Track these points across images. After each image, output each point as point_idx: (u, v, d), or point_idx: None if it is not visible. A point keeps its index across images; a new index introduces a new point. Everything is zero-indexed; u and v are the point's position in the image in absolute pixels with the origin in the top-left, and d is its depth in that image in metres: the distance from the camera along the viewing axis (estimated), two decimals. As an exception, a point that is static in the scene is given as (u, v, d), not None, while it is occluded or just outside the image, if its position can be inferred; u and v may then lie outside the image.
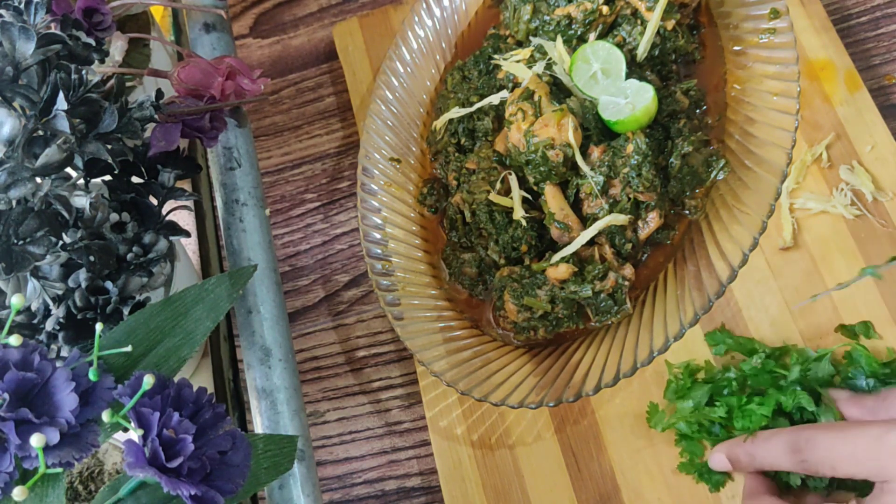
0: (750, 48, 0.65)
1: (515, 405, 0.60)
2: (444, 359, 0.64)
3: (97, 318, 0.46)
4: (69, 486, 0.58)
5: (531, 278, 0.63)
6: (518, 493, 0.63)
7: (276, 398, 0.52)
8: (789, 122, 0.60)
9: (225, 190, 0.59)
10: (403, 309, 0.67)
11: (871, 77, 0.72)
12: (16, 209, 0.43)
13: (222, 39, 0.65)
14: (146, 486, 0.39)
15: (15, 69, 0.42)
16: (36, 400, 0.35)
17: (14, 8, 0.46)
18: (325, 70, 0.87)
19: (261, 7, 0.92)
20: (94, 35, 0.51)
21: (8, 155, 0.42)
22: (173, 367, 0.41)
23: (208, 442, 0.37)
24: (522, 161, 0.63)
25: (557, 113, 0.62)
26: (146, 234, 0.49)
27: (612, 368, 0.58)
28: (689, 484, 0.61)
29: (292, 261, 0.80)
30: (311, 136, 0.84)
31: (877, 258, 0.64)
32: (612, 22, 0.67)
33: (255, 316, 0.54)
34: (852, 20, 0.75)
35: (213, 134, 0.54)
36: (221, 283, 0.44)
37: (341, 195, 0.81)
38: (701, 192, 0.64)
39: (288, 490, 0.49)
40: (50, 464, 0.35)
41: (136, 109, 0.47)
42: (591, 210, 0.63)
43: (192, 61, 0.56)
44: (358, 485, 0.70)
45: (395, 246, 0.70)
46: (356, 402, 0.73)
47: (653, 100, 0.62)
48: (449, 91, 0.75)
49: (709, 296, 0.58)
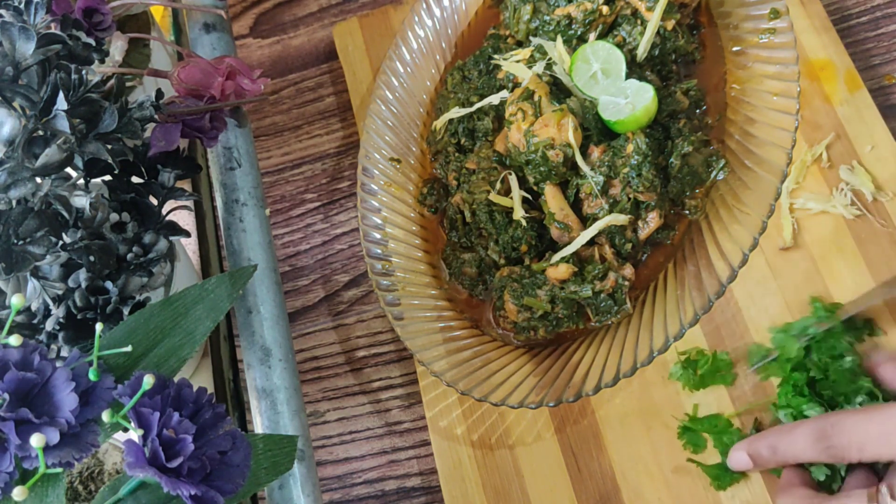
0: (750, 48, 0.65)
1: (515, 405, 0.60)
2: (444, 359, 0.64)
3: (97, 318, 0.46)
4: (69, 486, 0.58)
5: (531, 278, 0.63)
6: (518, 493, 0.63)
7: (276, 398, 0.52)
8: (789, 122, 0.60)
9: (225, 190, 0.59)
10: (403, 309, 0.67)
11: (871, 77, 0.72)
12: (16, 209, 0.43)
13: (222, 39, 0.65)
14: (146, 486, 0.39)
15: (15, 69, 0.42)
16: (36, 400, 0.35)
17: (14, 8, 0.46)
18: (325, 70, 0.87)
19: (261, 7, 0.92)
20: (94, 35, 0.51)
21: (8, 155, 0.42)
22: (173, 367, 0.41)
23: (208, 442, 0.37)
24: (522, 161, 0.63)
25: (557, 113, 0.62)
26: (146, 234, 0.49)
27: (612, 368, 0.58)
28: (689, 484, 0.61)
29: (292, 261, 0.80)
30: (311, 136, 0.84)
31: (877, 258, 0.64)
32: (612, 22, 0.67)
33: (255, 316, 0.54)
34: (852, 20, 0.75)
35: (213, 134, 0.54)
36: (221, 283, 0.44)
37: (341, 195, 0.81)
38: (701, 192, 0.64)
39: (288, 490, 0.49)
40: (50, 464, 0.35)
41: (136, 109, 0.47)
42: (591, 210, 0.63)
43: (192, 61, 0.56)
44: (358, 485, 0.70)
45: (395, 246, 0.70)
46: (356, 402, 0.73)
47: (653, 100, 0.62)
48: (449, 91, 0.75)
49: (709, 296, 0.58)
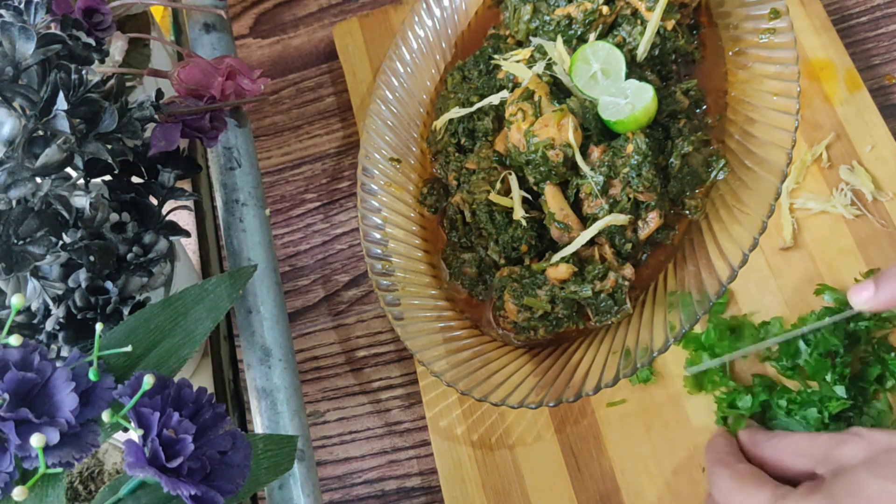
0: (750, 48, 0.65)
1: (515, 405, 0.60)
2: (444, 359, 0.63)
3: (97, 318, 0.46)
4: (69, 486, 0.58)
5: (531, 278, 0.63)
6: (518, 493, 0.63)
7: (276, 398, 0.52)
8: (789, 122, 0.60)
9: (225, 190, 0.59)
10: (403, 309, 0.67)
11: (871, 77, 0.72)
12: (16, 209, 0.43)
13: (222, 39, 0.65)
14: (146, 486, 0.39)
15: (15, 69, 0.42)
16: (36, 400, 0.35)
17: (14, 8, 0.46)
18: (325, 70, 0.87)
19: (261, 7, 0.92)
20: (94, 35, 0.51)
21: (8, 155, 0.42)
22: (173, 367, 0.41)
23: (208, 442, 0.37)
24: (522, 161, 0.63)
25: (557, 113, 0.62)
26: (146, 234, 0.49)
27: (612, 368, 0.58)
28: (689, 484, 0.61)
29: (292, 261, 0.80)
30: (311, 136, 0.84)
31: (877, 258, 0.64)
32: (612, 22, 0.67)
33: (255, 316, 0.54)
34: (852, 20, 0.75)
35: (213, 134, 0.54)
36: (221, 283, 0.44)
37: (341, 195, 0.81)
38: (701, 192, 0.64)
39: (288, 490, 0.49)
40: (50, 464, 0.35)
41: (136, 109, 0.47)
42: (591, 210, 0.62)
43: (192, 61, 0.56)
44: (358, 485, 0.70)
45: (395, 246, 0.70)
46: (356, 402, 0.73)
47: (653, 100, 0.62)
48: (449, 91, 0.75)
49: (709, 296, 0.58)
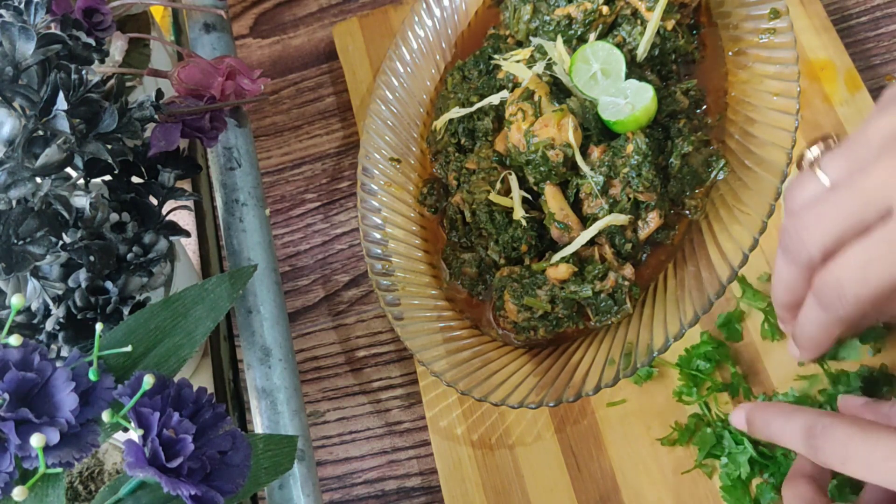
0: (750, 48, 0.65)
1: (515, 405, 0.60)
2: (444, 359, 0.63)
3: (97, 318, 0.46)
4: (69, 486, 0.58)
5: (531, 278, 0.63)
6: (518, 493, 0.63)
7: (276, 398, 0.52)
8: (789, 122, 0.60)
9: (225, 190, 0.59)
10: (403, 309, 0.67)
11: (871, 77, 0.72)
12: (16, 209, 0.43)
13: (222, 39, 0.65)
14: (146, 486, 0.39)
15: (15, 69, 0.42)
16: (36, 400, 0.35)
17: (14, 8, 0.46)
18: (325, 70, 0.87)
19: (261, 7, 0.92)
20: (94, 35, 0.51)
21: (8, 155, 0.42)
22: (173, 367, 0.41)
23: (208, 442, 0.37)
24: (522, 161, 0.63)
25: (557, 113, 0.62)
26: (146, 234, 0.49)
27: (612, 368, 0.58)
28: (689, 484, 0.61)
29: (292, 261, 0.80)
30: (311, 136, 0.84)
31: (877, 258, 0.64)
32: (612, 22, 0.67)
33: (255, 316, 0.54)
34: (852, 20, 0.75)
35: (213, 134, 0.54)
36: (221, 283, 0.44)
37: (341, 195, 0.81)
38: (701, 192, 0.64)
39: (288, 490, 0.49)
40: (50, 464, 0.35)
41: (136, 109, 0.47)
42: (591, 210, 0.63)
43: (192, 61, 0.56)
44: (358, 485, 0.70)
45: (395, 246, 0.70)
46: (356, 402, 0.73)
47: (652, 100, 0.62)
48: (449, 91, 0.75)
49: (709, 296, 0.58)
